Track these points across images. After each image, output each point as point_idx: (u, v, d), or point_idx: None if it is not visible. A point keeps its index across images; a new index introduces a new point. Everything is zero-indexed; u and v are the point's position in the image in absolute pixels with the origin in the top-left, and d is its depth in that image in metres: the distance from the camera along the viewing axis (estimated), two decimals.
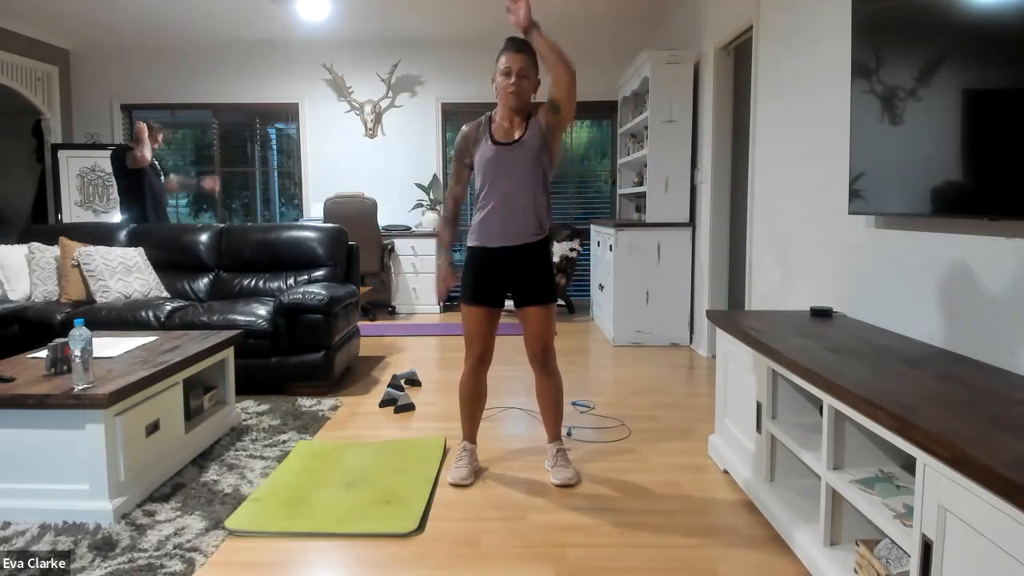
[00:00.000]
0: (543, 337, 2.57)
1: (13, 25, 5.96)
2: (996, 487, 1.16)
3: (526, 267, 2.53)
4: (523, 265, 2.53)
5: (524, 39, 2.45)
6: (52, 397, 2.19)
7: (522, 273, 2.54)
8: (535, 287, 2.54)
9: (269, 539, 2.16)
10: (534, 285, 2.54)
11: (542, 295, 2.55)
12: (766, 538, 2.15)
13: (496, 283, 2.56)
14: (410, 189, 6.79)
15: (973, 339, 1.99)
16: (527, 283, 2.55)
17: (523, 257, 2.52)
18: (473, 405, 2.72)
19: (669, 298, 5.05)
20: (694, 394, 3.82)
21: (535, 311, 2.55)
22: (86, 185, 6.48)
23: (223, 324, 3.62)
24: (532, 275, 2.54)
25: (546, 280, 2.56)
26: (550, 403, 2.68)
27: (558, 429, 2.72)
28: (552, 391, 2.66)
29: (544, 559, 2.04)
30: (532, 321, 2.56)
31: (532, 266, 2.53)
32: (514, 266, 2.53)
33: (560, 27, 6.34)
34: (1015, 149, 1.72)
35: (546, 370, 2.62)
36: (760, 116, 3.73)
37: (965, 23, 1.92)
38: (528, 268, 2.53)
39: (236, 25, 6.18)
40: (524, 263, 2.53)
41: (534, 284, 2.54)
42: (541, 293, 2.55)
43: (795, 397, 2.22)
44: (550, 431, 2.71)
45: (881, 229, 2.50)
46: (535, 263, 2.53)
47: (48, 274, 4.15)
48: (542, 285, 2.55)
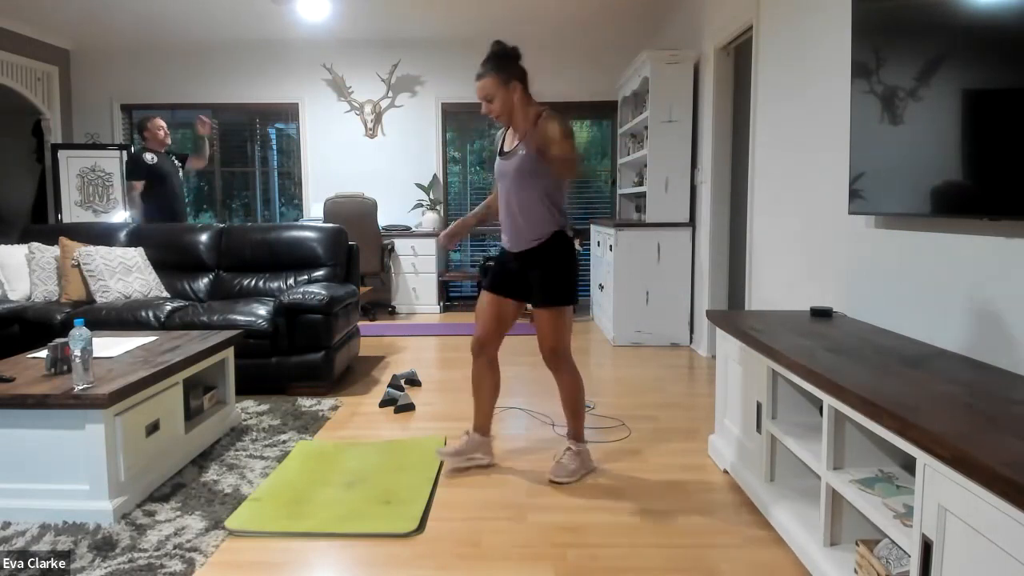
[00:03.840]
0: (548, 338, 2.61)
1: (13, 25, 5.96)
2: (996, 487, 1.16)
3: (530, 271, 2.59)
4: (527, 269, 2.60)
5: (486, 60, 2.53)
6: (52, 397, 2.19)
7: (527, 276, 2.61)
8: (538, 290, 2.59)
9: (269, 539, 2.16)
10: (537, 288, 2.59)
11: (545, 298, 2.58)
12: (766, 538, 2.15)
13: (508, 278, 2.66)
14: (410, 189, 6.79)
15: (973, 339, 1.99)
16: (531, 286, 2.61)
17: (527, 261, 2.60)
18: (477, 393, 2.77)
19: (669, 298, 5.05)
20: (694, 394, 3.82)
21: (539, 313, 2.60)
22: (86, 185, 6.48)
23: (223, 324, 3.62)
24: (535, 279, 2.58)
25: (548, 284, 2.57)
26: (562, 401, 2.73)
27: (573, 426, 2.72)
28: (562, 390, 2.70)
29: (544, 559, 2.04)
30: (537, 323, 2.62)
31: (535, 270, 2.58)
32: (521, 269, 2.62)
33: (560, 27, 6.40)
34: (1015, 149, 1.72)
35: (556, 371, 2.67)
36: (760, 116, 3.73)
37: (965, 23, 1.92)
38: (531, 272, 2.59)
39: (236, 25, 6.18)
40: (528, 267, 2.59)
41: (537, 287, 2.59)
42: (544, 296, 2.58)
43: (795, 397, 2.22)
44: (568, 428, 2.74)
45: (881, 229, 2.50)
46: (537, 267, 2.57)
47: (48, 274, 4.15)
48: (545, 288, 2.57)
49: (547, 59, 6.72)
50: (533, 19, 6.06)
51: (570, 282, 2.60)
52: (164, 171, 5.28)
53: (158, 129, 5.30)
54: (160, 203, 5.27)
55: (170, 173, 5.34)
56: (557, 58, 6.71)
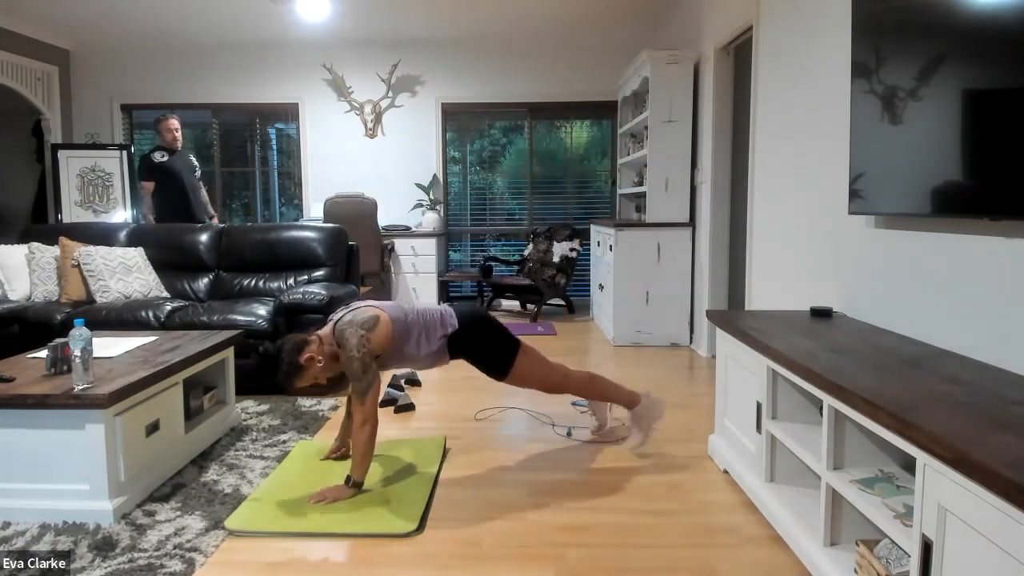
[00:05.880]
0: (535, 386, 2.79)
1: (13, 25, 5.96)
2: (996, 487, 1.16)
3: (467, 360, 2.75)
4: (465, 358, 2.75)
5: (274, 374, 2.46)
6: (52, 397, 2.19)
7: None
8: (485, 369, 2.74)
9: (269, 539, 2.16)
10: (483, 369, 2.74)
11: (494, 370, 2.71)
12: (766, 538, 2.15)
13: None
14: (410, 189, 6.79)
15: (973, 339, 1.99)
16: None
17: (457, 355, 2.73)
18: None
19: (669, 298, 5.04)
20: (694, 394, 3.82)
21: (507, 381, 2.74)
22: (86, 185, 6.47)
23: (223, 324, 3.62)
24: (475, 364, 2.74)
25: (485, 359, 2.70)
26: (591, 403, 3.08)
27: (618, 404, 2.96)
28: (582, 396, 3.03)
29: (544, 559, 2.04)
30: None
31: (466, 359, 2.73)
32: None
33: (560, 27, 6.40)
34: (1015, 149, 1.72)
35: (566, 392, 2.91)
36: (760, 116, 3.73)
37: (965, 23, 1.92)
38: (468, 360, 2.74)
39: (236, 25, 6.18)
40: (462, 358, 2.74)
41: (483, 368, 2.74)
42: (492, 369, 2.72)
43: (795, 397, 2.22)
44: (624, 410, 2.97)
45: (881, 229, 2.50)
46: (464, 356, 2.71)
47: (48, 274, 4.15)
48: (487, 364, 2.72)
49: (547, 59, 6.72)
50: (533, 19, 6.06)
51: (496, 342, 2.68)
52: (174, 170, 5.27)
53: (166, 131, 5.31)
54: (170, 203, 5.27)
55: (181, 172, 5.33)
56: (557, 58, 6.71)
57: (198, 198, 5.49)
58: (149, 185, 5.31)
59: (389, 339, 2.51)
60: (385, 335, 2.50)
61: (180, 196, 5.34)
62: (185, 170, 5.37)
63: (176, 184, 5.31)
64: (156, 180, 5.30)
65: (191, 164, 5.47)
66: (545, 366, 2.75)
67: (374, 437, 2.42)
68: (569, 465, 2.78)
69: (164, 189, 5.30)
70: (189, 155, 5.56)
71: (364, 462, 2.42)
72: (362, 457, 2.41)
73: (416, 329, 2.58)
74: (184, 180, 5.34)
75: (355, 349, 2.38)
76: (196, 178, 5.48)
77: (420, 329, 2.59)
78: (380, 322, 2.49)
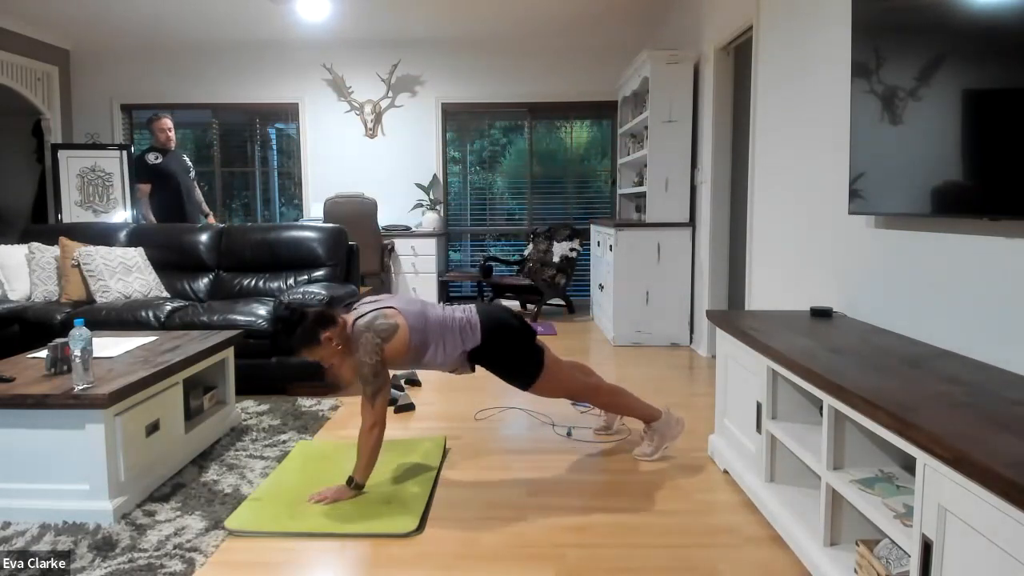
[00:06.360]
0: (556, 396, 2.81)
1: (13, 25, 5.96)
2: (996, 487, 1.16)
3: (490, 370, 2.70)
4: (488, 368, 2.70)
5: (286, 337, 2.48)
6: (52, 397, 2.19)
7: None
8: (509, 380, 2.70)
9: (269, 539, 2.16)
10: (508, 379, 2.71)
11: (520, 382, 2.68)
12: (766, 538, 2.15)
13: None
14: (410, 189, 6.79)
15: (973, 339, 1.99)
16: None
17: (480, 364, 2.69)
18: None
19: (669, 298, 5.05)
20: (694, 394, 3.82)
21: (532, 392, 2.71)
22: (86, 185, 6.47)
23: (223, 324, 3.62)
24: (499, 374, 2.70)
25: (510, 370, 2.66)
26: (609, 416, 3.13)
27: (638, 417, 2.89)
28: (603, 409, 3.05)
29: (544, 559, 2.04)
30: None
31: (490, 368, 2.68)
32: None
33: (560, 27, 6.39)
34: (1015, 149, 1.72)
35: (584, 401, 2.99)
36: (760, 116, 3.73)
37: (965, 23, 1.92)
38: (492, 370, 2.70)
39: (236, 25, 6.18)
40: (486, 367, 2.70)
41: (507, 379, 2.71)
42: (517, 380, 2.68)
43: (795, 397, 2.21)
44: (641, 424, 2.94)
45: (881, 229, 2.50)
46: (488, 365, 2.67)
47: (48, 274, 4.15)
48: (511, 375, 2.68)
49: (547, 59, 6.72)
50: (533, 19, 6.06)
51: (520, 356, 2.63)
52: (168, 171, 5.25)
53: (159, 131, 5.29)
54: (165, 204, 5.25)
55: (176, 173, 5.30)
56: (557, 58, 6.71)
57: (193, 199, 5.48)
58: (146, 187, 5.30)
59: (404, 350, 2.46)
60: (401, 346, 2.45)
61: (175, 198, 5.32)
62: (180, 171, 5.35)
63: (171, 186, 5.29)
64: (152, 182, 5.29)
65: (186, 165, 5.46)
66: (569, 378, 2.73)
67: (381, 440, 2.41)
68: (569, 465, 2.78)
69: (159, 191, 5.28)
70: (183, 155, 5.54)
71: (369, 465, 2.42)
72: (368, 460, 2.40)
73: (434, 340, 2.51)
74: (179, 181, 5.32)
75: (367, 355, 2.37)
76: (191, 179, 5.47)
77: (439, 340, 2.51)
78: (398, 333, 2.43)
